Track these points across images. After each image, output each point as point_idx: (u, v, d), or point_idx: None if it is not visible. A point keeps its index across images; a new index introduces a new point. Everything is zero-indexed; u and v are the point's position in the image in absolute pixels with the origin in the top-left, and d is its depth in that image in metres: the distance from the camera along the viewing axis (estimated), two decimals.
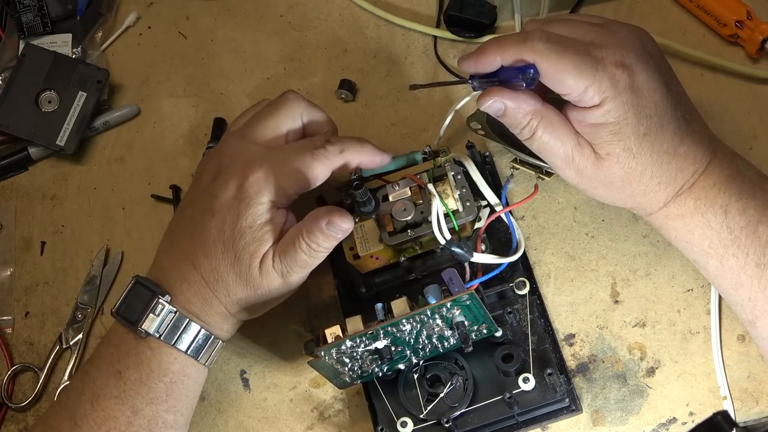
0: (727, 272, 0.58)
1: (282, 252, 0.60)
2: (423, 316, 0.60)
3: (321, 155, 0.61)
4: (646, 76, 0.56)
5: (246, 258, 0.60)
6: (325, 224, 0.60)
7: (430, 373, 0.65)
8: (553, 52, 0.55)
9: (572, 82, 0.55)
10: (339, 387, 0.66)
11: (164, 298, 0.60)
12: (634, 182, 0.57)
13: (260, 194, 0.60)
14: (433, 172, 0.67)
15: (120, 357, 0.61)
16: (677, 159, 0.57)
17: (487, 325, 0.63)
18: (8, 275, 0.79)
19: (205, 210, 0.61)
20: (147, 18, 0.88)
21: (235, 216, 0.60)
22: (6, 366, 0.75)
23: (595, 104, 0.55)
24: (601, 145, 0.57)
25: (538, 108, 0.58)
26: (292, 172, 0.60)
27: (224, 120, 0.82)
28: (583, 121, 0.57)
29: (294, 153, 0.61)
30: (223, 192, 0.61)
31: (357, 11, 0.85)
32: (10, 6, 0.86)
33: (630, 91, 0.55)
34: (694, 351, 0.67)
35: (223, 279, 0.61)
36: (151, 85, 0.85)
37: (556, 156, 0.58)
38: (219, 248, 0.60)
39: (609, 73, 0.55)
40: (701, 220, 0.57)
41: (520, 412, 0.64)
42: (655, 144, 0.56)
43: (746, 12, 0.75)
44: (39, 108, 0.81)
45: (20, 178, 0.83)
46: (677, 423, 0.65)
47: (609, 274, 0.70)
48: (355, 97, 0.81)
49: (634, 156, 0.56)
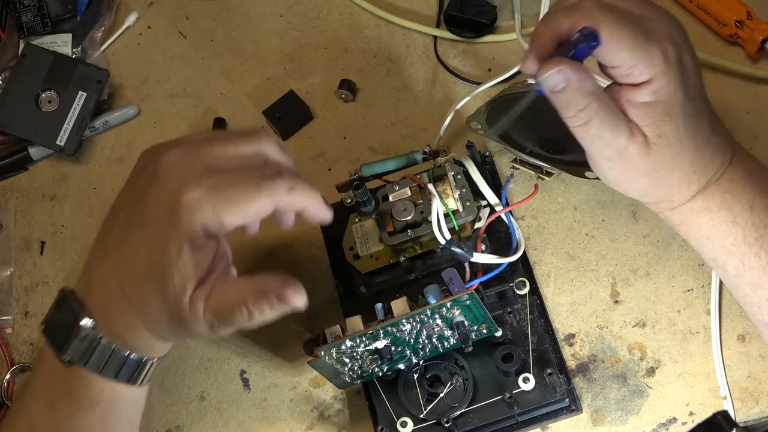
0: (747, 272, 0.56)
1: (218, 309, 0.53)
2: (423, 316, 0.60)
3: (267, 188, 0.53)
4: (690, 56, 0.54)
5: (171, 289, 0.53)
6: (276, 298, 0.53)
7: (430, 373, 0.65)
8: (609, 19, 0.51)
9: (626, 54, 0.52)
10: (339, 387, 0.66)
11: (87, 323, 0.54)
12: (676, 170, 0.55)
13: (192, 217, 0.52)
14: (433, 172, 0.67)
15: (52, 385, 0.56)
16: (711, 147, 0.55)
17: (487, 325, 0.63)
18: (8, 275, 0.79)
19: (135, 219, 0.54)
20: (147, 18, 0.88)
21: (164, 237, 0.52)
22: (6, 366, 0.75)
23: (646, 80, 0.52)
24: (651, 127, 0.53)
25: (598, 91, 0.53)
26: (232, 200, 0.52)
27: (224, 120, 0.82)
28: (633, 101, 0.53)
29: (238, 179, 0.53)
30: (155, 204, 0.53)
31: (357, 11, 0.85)
32: (10, 6, 0.86)
33: (679, 68, 0.53)
34: (694, 351, 0.67)
35: (147, 302, 0.54)
36: (151, 85, 0.85)
37: (608, 146, 0.54)
38: (144, 266, 0.53)
39: (661, 46, 0.52)
40: (727, 215, 0.56)
41: (520, 412, 0.64)
42: (698, 128, 0.54)
43: (746, 12, 0.75)
44: (39, 108, 0.81)
45: (20, 178, 0.83)
46: (677, 423, 0.65)
47: (609, 274, 0.70)
48: (355, 97, 0.81)
49: (680, 139, 0.54)
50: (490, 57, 0.81)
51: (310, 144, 0.80)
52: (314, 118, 0.81)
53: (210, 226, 0.52)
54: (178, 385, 0.71)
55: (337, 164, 0.79)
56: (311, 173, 0.78)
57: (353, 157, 0.78)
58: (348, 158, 0.79)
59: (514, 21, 0.81)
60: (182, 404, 0.71)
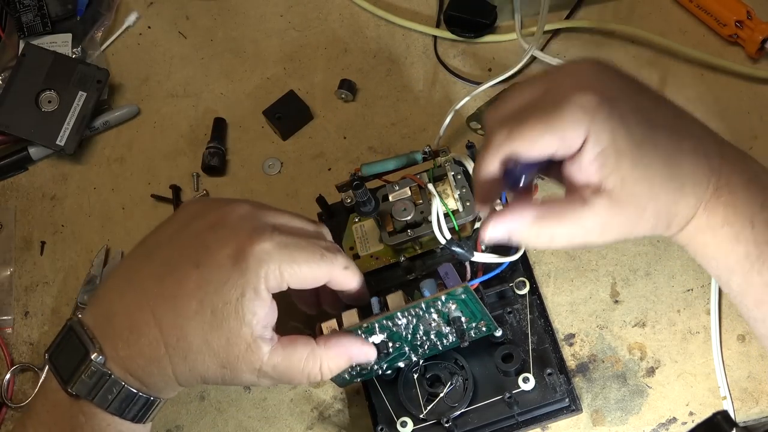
0: (750, 289, 0.55)
1: (285, 363, 0.54)
2: (418, 309, 0.59)
3: (329, 259, 0.56)
4: (611, 85, 0.53)
5: (225, 331, 0.52)
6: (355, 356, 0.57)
7: (430, 373, 0.65)
8: (513, 129, 0.52)
9: (549, 138, 0.51)
10: (339, 385, 0.65)
11: (97, 359, 0.52)
12: (662, 195, 0.53)
13: (260, 267, 0.52)
14: (433, 172, 0.67)
15: (55, 418, 0.55)
16: (687, 157, 0.54)
17: (486, 322, 0.62)
18: (8, 275, 0.79)
19: (189, 257, 0.53)
20: (147, 18, 0.88)
21: (226, 278, 0.52)
22: (6, 366, 0.75)
23: (582, 141, 0.51)
24: (611, 176, 0.52)
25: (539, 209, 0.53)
26: (297, 261, 0.54)
27: (224, 120, 0.82)
28: (583, 167, 0.52)
29: (307, 244, 0.55)
30: (220, 248, 0.53)
31: (357, 11, 0.85)
32: (10, 6, 0.86)
33: (605, 107, 0.51)
34: (694, 351, 0.67)
35: (186, 340, 0.52)
36: (151, 85, 0.85)
37: (585, 235, 0.53)
38: (193, 305, 0.52)
39: (574, 104, 0.51)
40: (730, 232, 0.54)
41: (520, 412, 0.64)
42: (658, 145, 0.53)
43: (746, 12, 0.75)
44: (39, 108, 0.81)
45: (20, 178, 0.83)
46: (677, 423, 0.65)
47: (609, 274, 0.70)
48: (355, 97, 0.81)
49: (645, 166, 0.52)
50: (490, 57, 0.81)
51: (310, 144, 0.80)
52: (314, 118, 0.81)
53: (271, 281, 0.53)
54: None
55: (337, 164, 0.79)
56: (311, 173, 0.78)
57: (353, 157, 0.79)
58: (348, 158, 0.79)
59: (514, 21, 0.81)
60: (182, 404, 0.71)
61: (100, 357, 0.53)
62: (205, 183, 0.80)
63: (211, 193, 0.79)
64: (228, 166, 0.80)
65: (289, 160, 0.80)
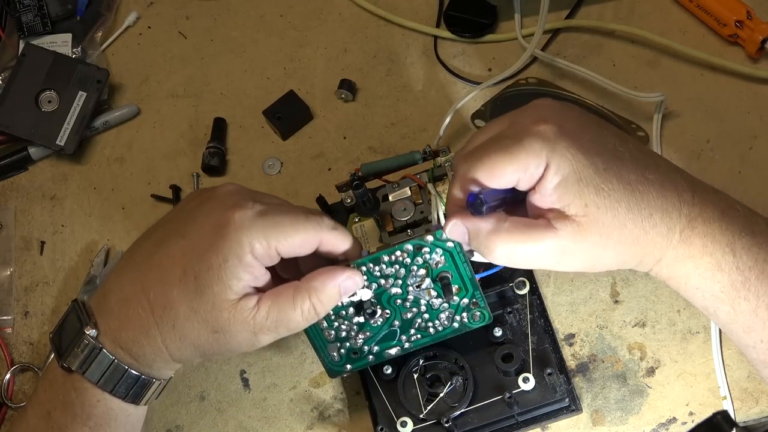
0: (739, 317, 0.55)
1: (274, 308, 0.54)
2: (404, 255, 0.58)
3: (315, 221, 0.55)
4: (572, 119, 0.54)
5: (210, 296, 0.53)
6: (342, 283, 0.55)
7: (430, 373, 0.65)
8: (476, 159, 0.53)
9: (510, 166, 0.52)
10: (330, 372, 0.63)
11: (90, 331, 0.54)
12: (628, 223, 0.53)
13: (242, 232, 0.53)
14: (433, 172, 0.67)
15: (51, 395, 0.56)
16: (654, 187, 0.54)
17: (477, 301, 0.60)
18: (8, 275, 0.79)
19: (176, 231, 0.55)
20: (147, 18, 0.88)
21: (208, 245, 0.53)
22: (6, 366, 0.75)
23: (542, 170, 0.52)
24: (573, 204, 0.52)
25: (504, 221, 0.54)
26: (281, 224, 0.54)
27: (224, 120, 0.82)
28: (546, 194, 0.53)
29: (290, 209, 0.56)
30: (203, 218, 0.55)
31: (357, 11, 0.85)
32: (10, 6, 0.86)
33: (565, 137, 0.52)
34: (694, 351, 0.67)
35: (173, 308, 0.54)
36: (151, 85, 0.85)
37: (543, 257, 0.54)
38: (177, 273, 0.54)
39: (533, 134, 0.52)
40: (710, 261, 0.54)
41: (520, 412, 0.64)
42: (621, 174, 0.53)
43: (746, 12, 0.75)
44: (39, 108, 0.81)
45: (20, 178, 0.83)
46: (677, 423, 0.65)
47: (609, 274, 0.70)
48: (355, 97, 0.81)
49: (608, 194, 0.52)
50: (490, 57, 0.81)
51: (310, 144, 0.80)
52: (314, 118, 0.81)
53: (257, 249, 0.53)
54: (178, 385, 0.71)
55: (337, 164, 0.79)
56: (311, 173, 0.78)
57: (353, 157, 0.79)
58: (348, 158, 0.79)
59: (514, 21, 0.81)
60: (182, 404, 0.71)
61: (93, 330, 0.54)
62: (205, 183, 0.80)
63: None
64: (228, 166, 0.80)
65: (289, 160, 0.80)
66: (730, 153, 0.73)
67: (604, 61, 0.79)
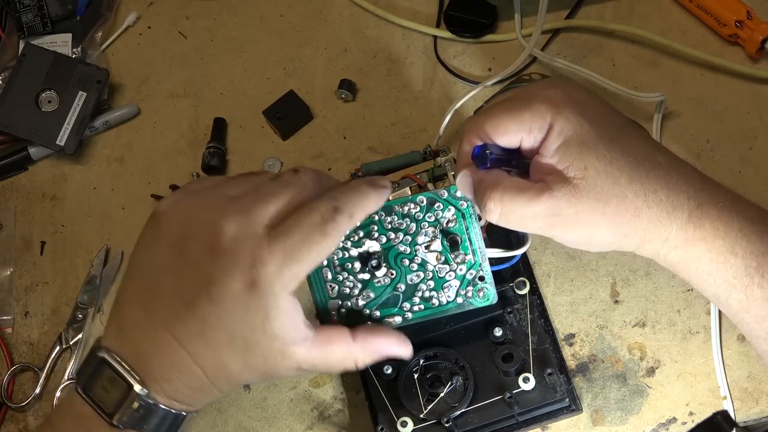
0: (752, 305, 0.54)
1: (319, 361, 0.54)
2: (417, 207, 0.58)
3: (332, 229, 0.53)
4: (584, 93, 0.55)
5: (260, 351, 0.52)
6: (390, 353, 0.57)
7: (431, 373, 0.65)
8: (484, 117, 0.55)
9: (515, 126, 0.54)
10: (320, 312, 0.61)
11: (142, 392, 0.52)
12: (630, 194, 0.53)
13: (275, 286, 0.51)
14: (433, 172, 0.67)
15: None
16: (661, 168, 0.53)
17: (484, 275, 0.60)
18: (8, 275, 0.79)
19: (199, 291, 0.52)
20: (147, 18, 0.88)
21: (243, 308, 0.51)
22: (6, 366, 0.75)
23: (545, 131, 0.54)
24: (574, 165, 0.53)
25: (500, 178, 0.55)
26: (306, 258, 0.52)
27: (224, 120, 0.82)
28: (547, 155, 0.54)
29: (305, 234, 0.52)
30: (226, 279, 0.51)
31: (357, 11, 0.85)
32: (10, 6, 0.86)
33: (572, 103, 0.54)
34: (694, 351, 0.67)
35: (226, 367, 0.53)
36: (151, 85, 0.85)
37: (535, 219, 0.54)
38: (223, 338, 0.52)
39: (542, 97, 0.54)
40: (723, 245, 0.53)
41: (520, 411, 0.64)
42: (627, 149, 0.53)
43: (746, 12, 0.75)
44: (39, 108, 0.81)
45: (20, 178, 0.83)
46: (677, 423, 0.65)
47: (609, 274, 0.70)
48: (355, 97, 0.81)
49: (610, 162, 0.53)
50: (490, 57, 0.81)
51: (310, 144, 0.80)
52: (314, 118, 0.81)
53: (290, 287, 0.52)
54: None
55: (337, 164, 0.79)
56: None
57: (353, 157, 0.79)
58: (348, 158, 0.79)
59: (515, 21, 0.81)
60: None
61: (143, 389, 0.53)
62: None
63: None
64: (228, 166, 0.80)
65: (289, 160, 0.80)
66: (730, 153, 0.73)
67: (604, 61, 0.79)
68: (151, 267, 0.54)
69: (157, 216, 0.55)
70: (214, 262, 0.52)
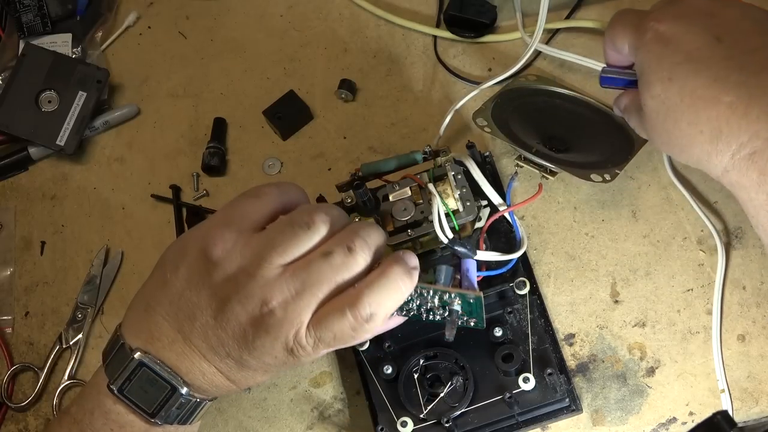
0: None
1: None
2: (425, 291, 0.59)
3: (361, 334, 0.56)
4: (681, 27, 0.57)
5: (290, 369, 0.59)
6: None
7: (431, 373, 0.65)
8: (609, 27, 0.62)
9: (620, 44, 0.61)
10: None
11: (185, 392, 0.57)
12: (675, 129, 0.56)
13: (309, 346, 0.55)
14: (433, 172, 0.67)
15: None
16: (720, 107, 0.54)
17: (477, 320, 0.61)
18: (8, 275, 0.79)
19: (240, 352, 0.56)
20: (147, 18, 0.88)
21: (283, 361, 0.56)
22: (6, 366, 0.75)
23: (624, 52, 0.61)
24: (642, 95, 0.59)
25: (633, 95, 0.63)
26: (335, 345, 0.56)
27: (224, 120, 0.82)
28: None
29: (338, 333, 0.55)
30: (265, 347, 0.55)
31: (357, 11, 0.85)
32: (10, 6, 0.86)
33: (654, 42, 0.57)
34: (694, 351, 0.67)
35: (255, 379, 0.59)
36: (151, 85, 0.85)
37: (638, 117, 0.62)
38: (260, 371, 0.58)
39: (640, 31, 0.58)
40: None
41: (520, 411, 0.64)
42: (686, 88, 0.55)
43: None
44: (39, 108, 0.81)
45: (20, 178, 0.83)
46: (677, 423, 0.65)
47: (609, 274, 0.70)
48: (355, 97, 0.81)
49: (663, 101, 0.57)
50: (490, 57, 0.81)
51: (310, 144, 0.80)
52: (314, 118, 0.81)
53: (319, 355, 0.57)
54: None
55: (337, 164, 0.79)
56: (311, 173, 0.78)
57: (353, 157, 0.79)
58: (348, 158, 0.79)
59: (516, 20, 0.81)
60: None
61: (185, 389, 0.57)
62: (205, 183, 0.80)
63: (211, 193, 0.79)
64: (228, 165, 0.80)
65: (289, 160, 0.80)
66: None
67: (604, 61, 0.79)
68: (190, 299, 0.56)
69: (211, 257, 0.56)
70: (256, 332, 0.55)
